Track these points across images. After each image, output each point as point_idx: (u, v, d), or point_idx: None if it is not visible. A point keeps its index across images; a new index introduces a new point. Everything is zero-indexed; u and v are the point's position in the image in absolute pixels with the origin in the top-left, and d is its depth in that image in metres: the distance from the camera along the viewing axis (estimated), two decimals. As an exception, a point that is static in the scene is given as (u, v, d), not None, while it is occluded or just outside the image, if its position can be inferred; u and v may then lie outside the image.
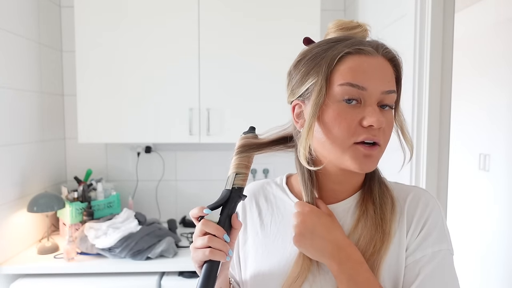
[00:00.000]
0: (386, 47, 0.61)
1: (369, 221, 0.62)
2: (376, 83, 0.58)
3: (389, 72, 0.60)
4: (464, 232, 3.03)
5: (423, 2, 1.33)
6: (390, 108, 0.61)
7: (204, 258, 0.59)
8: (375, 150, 0.59)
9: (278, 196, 0.73)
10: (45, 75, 2.00)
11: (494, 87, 2.67)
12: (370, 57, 0.58)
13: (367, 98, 0.58)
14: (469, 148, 2.94)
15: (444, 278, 0.60)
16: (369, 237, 0.61)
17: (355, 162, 0.59)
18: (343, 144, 0.59)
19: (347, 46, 0.59)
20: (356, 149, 0.58)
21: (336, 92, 0.58)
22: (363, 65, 0.58)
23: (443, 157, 1.35)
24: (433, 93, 1.32)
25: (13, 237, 1.72)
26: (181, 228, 2.13)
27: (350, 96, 0.58)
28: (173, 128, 1.89)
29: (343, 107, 0.58)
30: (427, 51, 1.32)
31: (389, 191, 0.66)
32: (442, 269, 0.60)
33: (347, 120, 0.58)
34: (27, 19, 1.84)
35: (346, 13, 2.21)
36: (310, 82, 0.60)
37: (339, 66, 0.58)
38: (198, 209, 0.62)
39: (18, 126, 1.77)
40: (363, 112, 0.58)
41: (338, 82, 0.58)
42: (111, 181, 2.21)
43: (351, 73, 0.58)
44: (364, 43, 0.60)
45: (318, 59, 0.60)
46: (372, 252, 0.60)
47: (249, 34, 1.86)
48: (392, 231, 0.62)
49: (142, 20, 1.85)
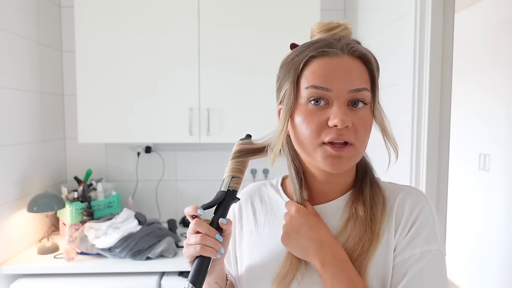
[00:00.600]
0: (352, 45, 0.61)
1: (359, 222, 0.63)
2: (340, 83, 0.59)
3: (357, 70, 0.60)
4: (463, 232, 3.03)
5: (423, 2, 1.33)
6: (364, 106, 0.61)
7: (195, 253, 0.62)
8: (344, 150, 0.59)
9: (272, 197, 0.75)
10: (45, 75, 2.00)
11: (494, 87, 2.67)
12: (334, 58, 0.60)
13: (334, 98, 0.59)
14: (469, 148, 2.94)
15: (433, 278, 0.59)
16: (357, 238, 0.61)
17: (325, 162, 0.60)
18: (311, 144, 0.60)
19: (312, 50, 0.61)
20: (324, 149, 0.59)
21: (303, 95, 0.61)
22: (326, 66, 0.59)
23: (443, 157, 1.35)
24: (433, 93, 1.32)
25: (13, 237, 1.72)
26: (181, 228, 2.13)
27: (316, 97, 0.59)
28: (173, 128, 1.89)
29: (311, 109, 0.60)
30: (427, 51, 1.32)
31: (381, 191, 0.66)
32: (431, 269, 0.59)
33: (314, 121, 0.59)
34: (27, 19, 1.84)
35: (346, 13, 2.21)
36: (285, 88, 0.63)
37: (305, 70, 0.61)
38: (192, 208, 0.64)
39: (18, 126, 1.77)
40: (329, 113, 0.59)
41: (304, 85, 0.61)
42: (111, 181, 2.21)
43: (315, 76, 0.60)
44: (332, 44, 0.61)
45: (290, 65, 0.63)
46: (360, 253, 0.61)
47: (249, 34, 1.86)
48: (381, 232, 0.62)
49: (142, 20, 1.85)
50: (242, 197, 0.77)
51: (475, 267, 2.89)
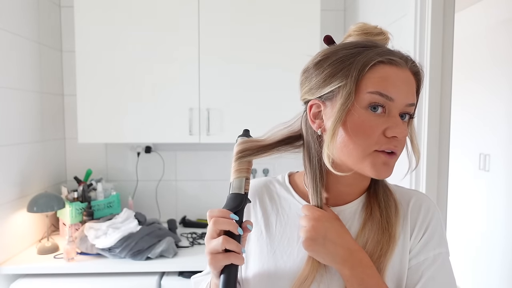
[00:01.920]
0: (413, 60, 0.63)
1: (376, 224, 0.64)
2: (402, 95, 0.60)
3: (413, 86, 0.62)
4: (464, 232, 3.03)
5: (423, 2, 1.33)
6: (408, 119, 0.63)
7: (226, 262, 0.58)
8: (393, 159, 0.61)
9: (282, 196, 0.73)
10: (45, 75, 2.00)
11: (494, 87, 2.67)
12: (400, 69, 0.60)
13: (392, 108, 0.60)
14: (469, 148, 2.94)
15: (445, 279, 0.64)
16: (376, 240, 0.63)
17: (374, 168, 0.60)
18: (364, 151, 0.60)
19: (379, 55, 0.59)
20: (377, 156, 0.60)
21: (364, 98, 0.59)
22: (394, 76, 0.59)
23: (443, 157, 1.35)
24: (433, 93, 1.32)
25: (13, 237, 1.72)
26: (181, 228, 2.13)
27: (378, 104, 0.59)
28: (173, 128, 1.89)
29: (369, 115, 0.59)
30: (427, 51, 1.32)
31: (393, 195, 0.68)
32: (443, 271, 0.64)
33: (372, 128, 0.59)
34: (27, 19, 1.84)
35: (346, 13, 2.21)
36: (337, 85, 0.60)
37: (370, 73, 0.59)
38: (221, 212, 0.61)
39: (18, 126, 1.77)
40: (387, 122, 0.59)
41: (368, 89, 0.59)
42: (111, 181, 2.21)
43: (382, 82, 0.58)
44: (394, 53, 0.61)
45: (347, 63, 0.60)
46: (379, 255, 0.62)
47: (249, 34, 1.86)
48: (397, 234, 0.64)
49: (142, 20, 1.85)
50: (250, 194, 0.72)
51: (475, 267, 2.89)
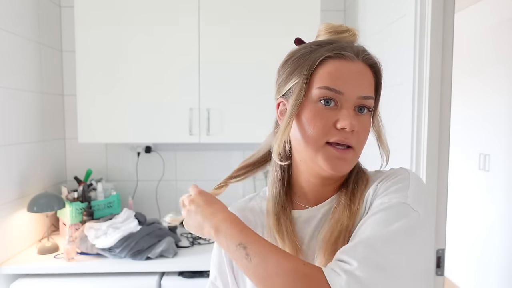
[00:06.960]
0: (367, 53, 0.63)
1: (341, 207, 0.63)
2: (353, 88, 0.60)
3: (368, 78, 0.62)
4: (464, 232, 3.03)
5: (423, 2, 1.33)
6: (368, 113, 0.63)
7: None
8: (348, 154, 0.61)
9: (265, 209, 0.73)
10: (45, 75, 2.00)
11: (494, 87, 2.67)
12: (350, 62, 0.60)
13: (344, 101, 0.60)
14: (469, 148, 2.94)
15: (392, 226, 0.53)
16: (336, 219, 0.62)
17: (328, 162, 0.60)
18: (316, 143, 0.60)
19: (329, 50, 0.61)
20: (328, 150, 0.60)
21: (314, 93, 0.61)
22: (342, 70, 0.60)
23: (443, 157, 1.35)
24: (433, 93, 1.32)
25: (13, 237, 1.72)
26: (181, 228, 2.13)
27: (327, 98, 0.60)
28: (173, 128, 1.89)
29: (320, 108, 0.60)
30: (427, 51, 1.32)
31: (366, 175, 0.67)
32: (395, 216, 0.54)
33: (323, 121, 0.60)
34: (27, 19, 1.84)
35: (346, 13, 2.21)
36: (293, 82, 0.63)
37: (320, 69, 0.61)
38: None
39: (18, 126, 1.77)
40: (338, 115, 0.60)
41: (317, 85, 0.60)
42: (111, 181, 2.21)
43: (330, 77, 0.60)
44: (346, 48, 0.61)
45: (302, 61, 0.63)
46: (340, 230, 0.60)
47: (249, 34, 1.86)
48: (361, 207, 0.62)
49: (142, 20, 1.85)
50: None
51: (474, 266, 2.89)
